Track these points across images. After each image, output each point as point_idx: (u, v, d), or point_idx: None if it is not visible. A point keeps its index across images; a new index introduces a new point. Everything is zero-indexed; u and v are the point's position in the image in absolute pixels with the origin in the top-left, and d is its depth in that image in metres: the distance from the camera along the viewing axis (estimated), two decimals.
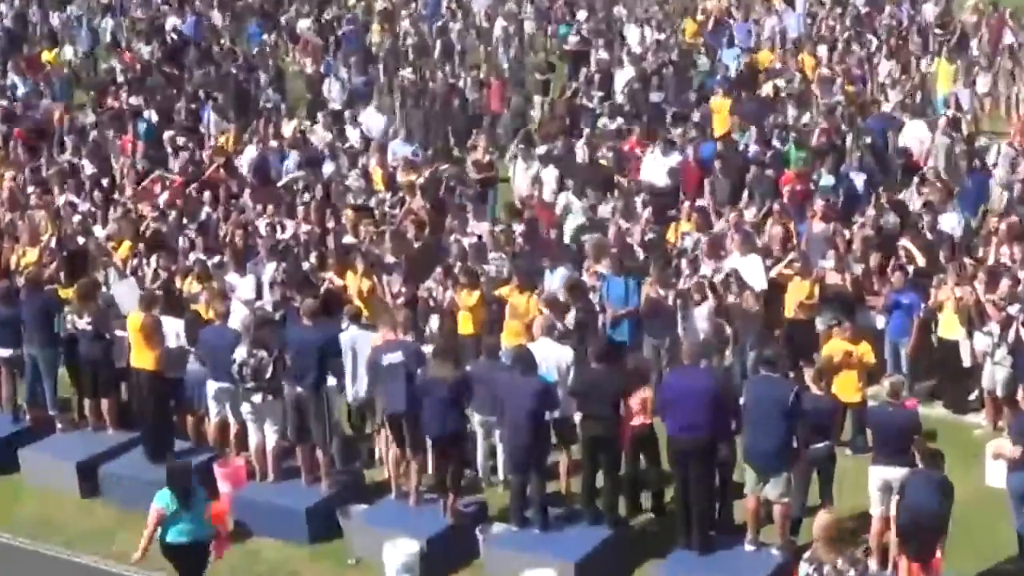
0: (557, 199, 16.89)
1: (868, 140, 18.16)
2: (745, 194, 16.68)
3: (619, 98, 21.59)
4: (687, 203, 16.07)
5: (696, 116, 19.99)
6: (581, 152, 18.35)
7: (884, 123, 19.24)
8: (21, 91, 23.93)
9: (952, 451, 10.26)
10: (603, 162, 17.99)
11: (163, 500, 9.82)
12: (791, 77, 21.72)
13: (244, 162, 18.92)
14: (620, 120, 19.73)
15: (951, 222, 15.07)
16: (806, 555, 8.53)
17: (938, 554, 9.70)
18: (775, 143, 17.99)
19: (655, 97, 21.43)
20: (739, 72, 22.37)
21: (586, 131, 19.17)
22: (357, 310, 12.83)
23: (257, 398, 11.64)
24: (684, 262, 14.03)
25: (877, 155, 17.78)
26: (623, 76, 22.30)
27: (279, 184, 18.21)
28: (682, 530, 10.72)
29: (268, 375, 11.50)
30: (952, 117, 18.75)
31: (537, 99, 23.01)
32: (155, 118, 21.24)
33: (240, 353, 11.53)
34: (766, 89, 21.26)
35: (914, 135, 18.62)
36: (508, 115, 21.71)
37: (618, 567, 10.84)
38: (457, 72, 24.11)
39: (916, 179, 16.66)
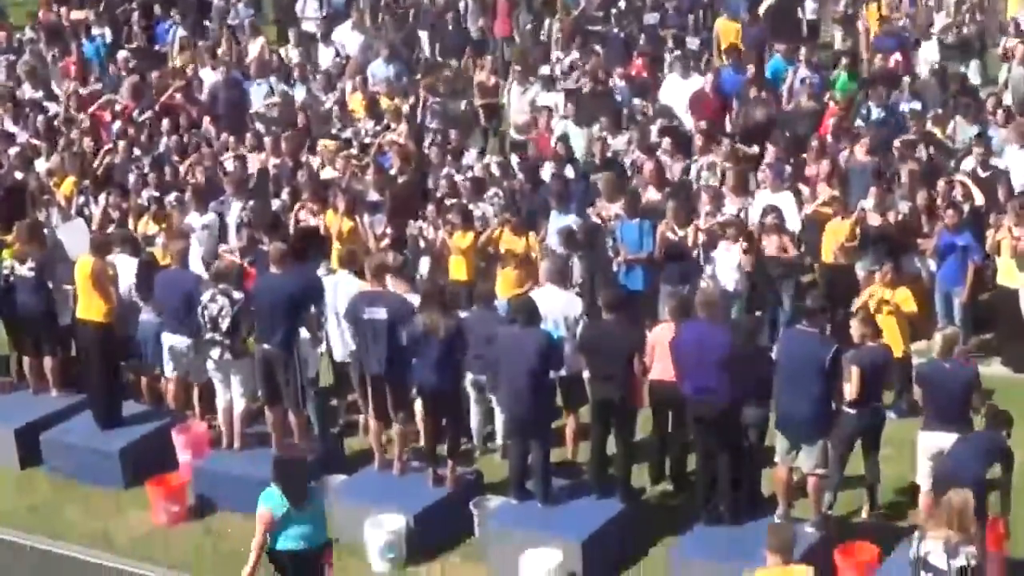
0: (555, 127, 16.73)
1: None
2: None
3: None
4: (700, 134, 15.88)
5: (695, 42, 19.73)
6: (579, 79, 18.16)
7: (898, 42, 18.94)
8: None
9: (1013, 414, 9.97)
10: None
11: (271, 501, 9.10)
12: None
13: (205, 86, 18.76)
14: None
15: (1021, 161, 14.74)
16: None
17: (1000, 528, 9.61)
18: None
19: (650, 19, 21.11)
20: None
21: (595, 56, 18.84)
22: (350, 253, 12.56)
23: (215, 352, 11.55)
24: (705, 197, 13.89)
25: (935, 79, 17.53)
26: None
27: (251, 111, 18.05)
28: (703, 503, 10.63)
29: (225, 327, 11.37)
30: None
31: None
32: (110, 36, 20.97)
33: (205, 296, 11.48)
34: (764, 6, 20.81)
35: (924, 58, 18.41)
36: (517, 37, 21.43)
37: (630, 546, 10.73)
38: None
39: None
